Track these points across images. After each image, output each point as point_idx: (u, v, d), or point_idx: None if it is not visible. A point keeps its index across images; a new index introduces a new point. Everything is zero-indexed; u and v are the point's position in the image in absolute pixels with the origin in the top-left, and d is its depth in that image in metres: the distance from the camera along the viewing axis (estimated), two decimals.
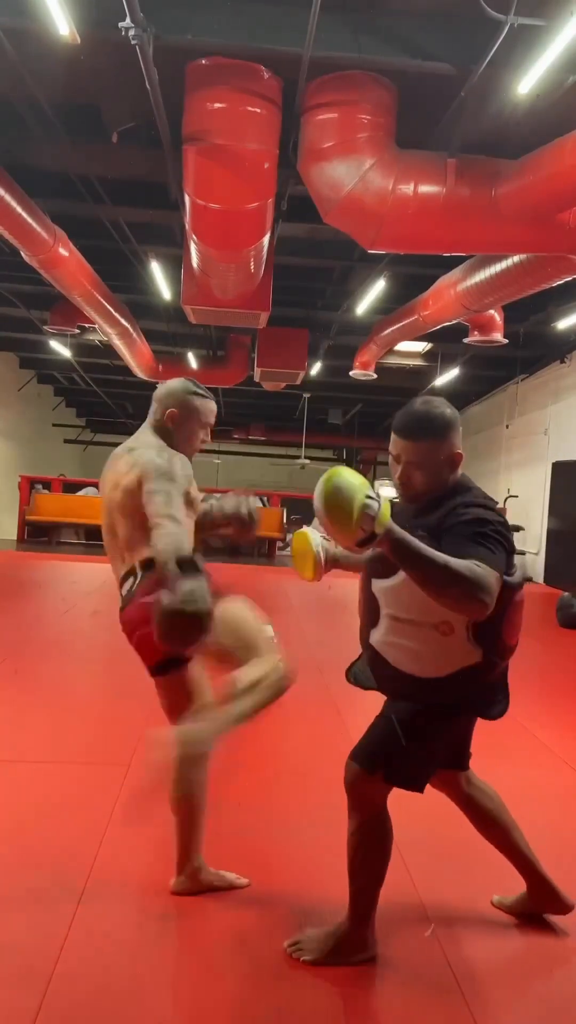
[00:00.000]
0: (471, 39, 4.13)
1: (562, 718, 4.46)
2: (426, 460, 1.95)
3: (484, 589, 1.72)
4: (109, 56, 4.51)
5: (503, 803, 2.25)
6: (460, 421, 2.02)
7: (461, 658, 1.91)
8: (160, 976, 1.97)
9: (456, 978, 2.01)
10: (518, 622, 1.98)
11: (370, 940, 2.05)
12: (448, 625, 1.88)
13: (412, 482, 1.99)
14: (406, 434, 1.97)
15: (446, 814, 2.31)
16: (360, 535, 1.70)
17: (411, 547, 1.74)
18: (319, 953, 2.03)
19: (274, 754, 3.57)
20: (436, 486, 1.97)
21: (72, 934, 2.08)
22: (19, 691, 4.40)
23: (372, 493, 1.71)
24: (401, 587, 1.89)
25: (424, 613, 1.88)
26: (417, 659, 1.95)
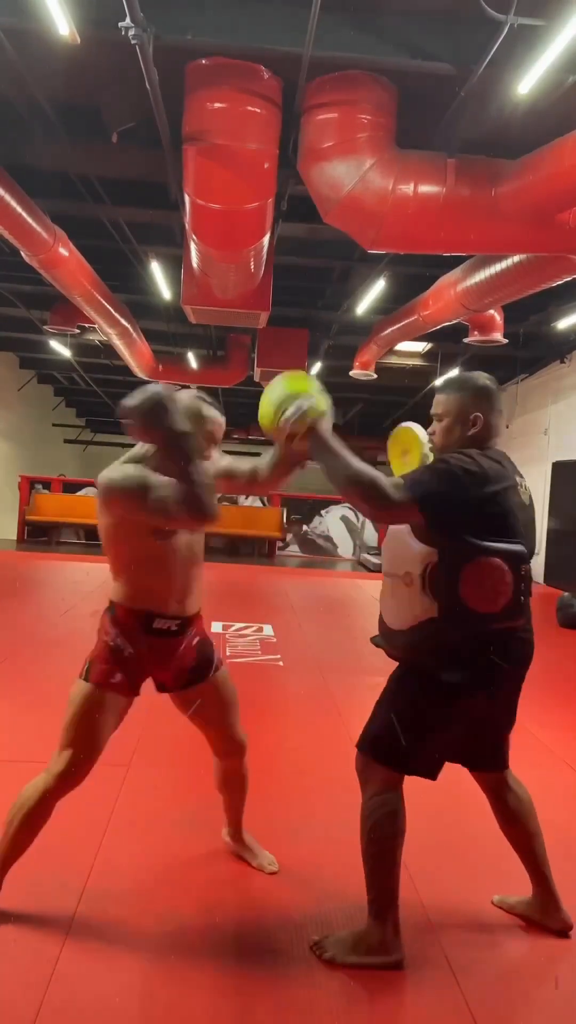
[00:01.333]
0: (471, 39, 4.13)
1: (563, 718, 4.46)
2: (445, 412, 2.08)
3: (378, 495, 1.86)
4: (109, 56, 4.51)
5: (533, 809, 2.25)
6: (493, 393, 2.11)
7: (421, 610, 1.96)
8: (160, 976, 1.97)
9: (456, 978, 2.01)
10: (491, 587, 1.92)
11: (392, 943, 2.03)
12: (409, 576, 1.97)
13: (436, 434, 2.11)
14: (440, 389, 2.13)
15: (446, 814, 2.31)
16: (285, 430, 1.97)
17: (327, 446, 1.94)
18: (339, 951, 2.03)
19: (274, 754, 3.56)
20: (452, 440, 2.06)
21: (72, 934, 2.08)
22: (19, 691, 4.40)
23: (306, 401, 1.95)
24: (387, 543, 2.08)
25: (393, 565, 2.04)
26: (391, 612, 2.07)
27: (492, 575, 1.92)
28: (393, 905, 2.04)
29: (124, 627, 2.18)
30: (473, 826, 2.81)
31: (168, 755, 3.36)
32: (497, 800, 2.25)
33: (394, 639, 2.06)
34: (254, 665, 5.20)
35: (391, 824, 2.03)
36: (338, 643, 6.37)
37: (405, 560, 1.97)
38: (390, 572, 2.07)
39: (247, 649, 5.64)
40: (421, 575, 1.94)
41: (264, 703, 4.37)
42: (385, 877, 2.04)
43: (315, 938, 2.09)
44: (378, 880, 2.04)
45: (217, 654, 2.36)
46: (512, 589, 1.94)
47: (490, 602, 1.93)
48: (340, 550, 14.99)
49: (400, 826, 2.04)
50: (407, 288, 8.49)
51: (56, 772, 2.08)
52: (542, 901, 2.26)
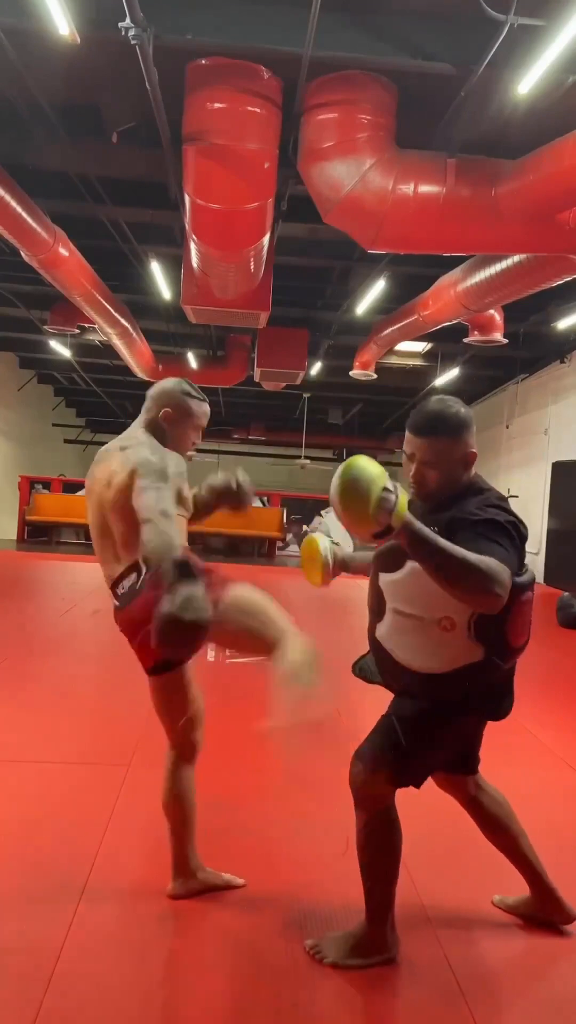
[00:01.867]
0: (471, 39, 4.12)
1: (563, 718, 4.46)
2: (440, 459, 1.95)
3: (497, 582, 1.72)
4: (109, 56, 4.51)
5: (511, 810, 2.24)
6: (473, 421, 2.02)
7: (463, 655, 1.91)
8: (160, 976, 1.97)
9: (456, 978, 2.01)
10: (524, 623, 1.97)
11: (389, 941, 2.05)
12: (450, 621, 1.88)
13: (426, 480, 1.99)
14: (420, 432, 1.97)
15: (446, 814, 2.31)
16: (376, 527, 1.70)
17: (428, 539, 1.74)
18: (338, 954, 2.03)
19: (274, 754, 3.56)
20: (450, 485, 1.97)
21: (72, 934, 2.08)
22: (19, 691, 4.40)
23: (390, 484, 1.70)
24: (406, 581, 1.91)
25: (427, 608, 1.90)
26: (419, 654, 1.96)
27: (528, 610, 1.97)
28: (390, 908, 2.05)
29: None
30: (473, 826, 2.81)
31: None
32: (475, 808, 2.24)
33: (420, 682, 1.97)
34: (254, 665, 5.19)
35: (391, 840, 2.04)
36: (338, 643, 6.35)
37: (441, 604, 1.84)
38: (415, 614, 1.94)
39: None
40: (468, 621, 1.87)
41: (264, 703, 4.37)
42: (385, 888, 2.05)
43: (310, 941, 2.09)
44: (379, 892, 2.05)
45: None
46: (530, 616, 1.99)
47: (525, 633, 1.98)
48: None
49: (399, 839, 2.05)
50: (407, 288, 8.48)
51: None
52: (542, 898, 2.26)
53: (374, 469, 1.73)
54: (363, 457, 1.80)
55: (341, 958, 2.02)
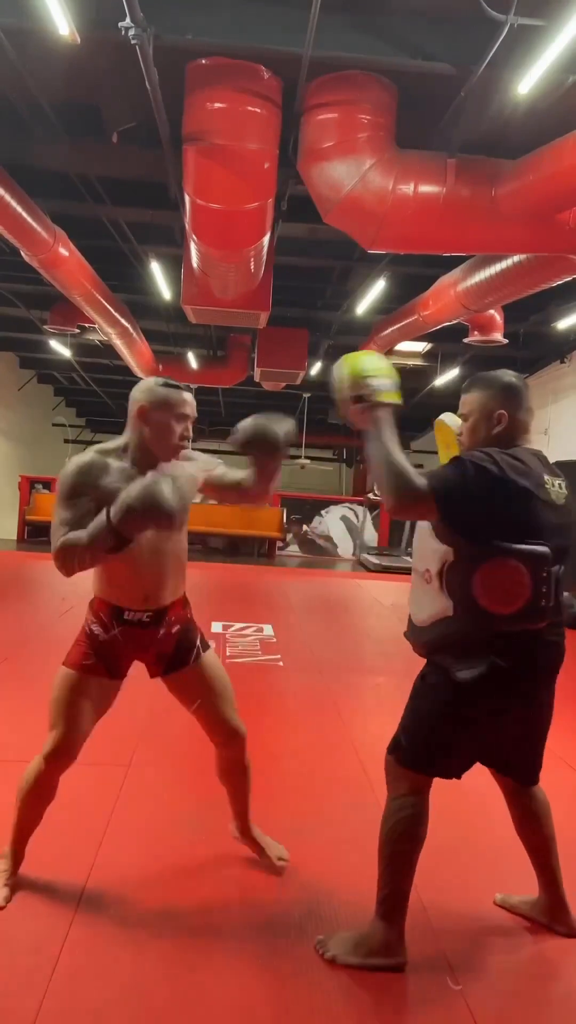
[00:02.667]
0: (471, 39, 4.12)
1: (562, 718, 4.45)
2: (470, 411, 2.07)
3: (404, 484, 1.84)
4: (109, 56, 4.51)
5: (550, 811, 2.25)
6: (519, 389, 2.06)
7: (440, 607, 1.98)
8: (160, 976, 1.97)
9: (456, 977, 2.00)
10: (506, 590, 1.89)
11: (396, 946, 2.02)
12: (428, 572, 2.00)
13: (464, 434, 2.09)
14: (465, 387, 2.11)
15: (447, 814, 2.31)
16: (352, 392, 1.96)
17: (383, 426, 1.91)
18: (340, 950, 2.03)
19: (274, 754, 3.56)
20: (477, 439, 2.04)
21: (72, 934, 2.08)
22: (19, 691, 4.40)
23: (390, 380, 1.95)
24: (416, 539, 2.09)
25: (418, 561, 2.07)
26: (414, 605, 2.11)
27: (508, 576, 1.89)
28: (402, 908, 2.04)
29: (99, 615, 2.28)
30: (473, 826, 2.81)
31: (168, 755, 3.36)
32: (518, 807, 2.25)
33: (417, 634, 2.09)
34: (254, 665, 5.20)
35: (412, 827, 2.03)
36: (338, 643, 6.36)
37: (427, 557, 2.00)
38: (416, 568, 2.09)
39: (247, 649, 5.64)
40: (439, 573, 1.96)
41: (264, 703, 4.37)
42: (399, 879, 2.03)
43: (320, 937, 2.09)
44: (391, 881, 2.04)
45: (202, 640, 2.38)
46: (531, 591, 1.89)
47: (505, 603, 1.90)
48: (340, 550, 14.99)
49: (421, 831, 2.04)
50: (407, 288, 8.49)
51: (45, 753, 2.22)
52: (550, 904, 2.26)
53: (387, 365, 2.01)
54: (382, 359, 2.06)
55: (342, 954, 2.02)
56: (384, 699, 4.67)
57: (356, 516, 14.85)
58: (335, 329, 10.90)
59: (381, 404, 1.93)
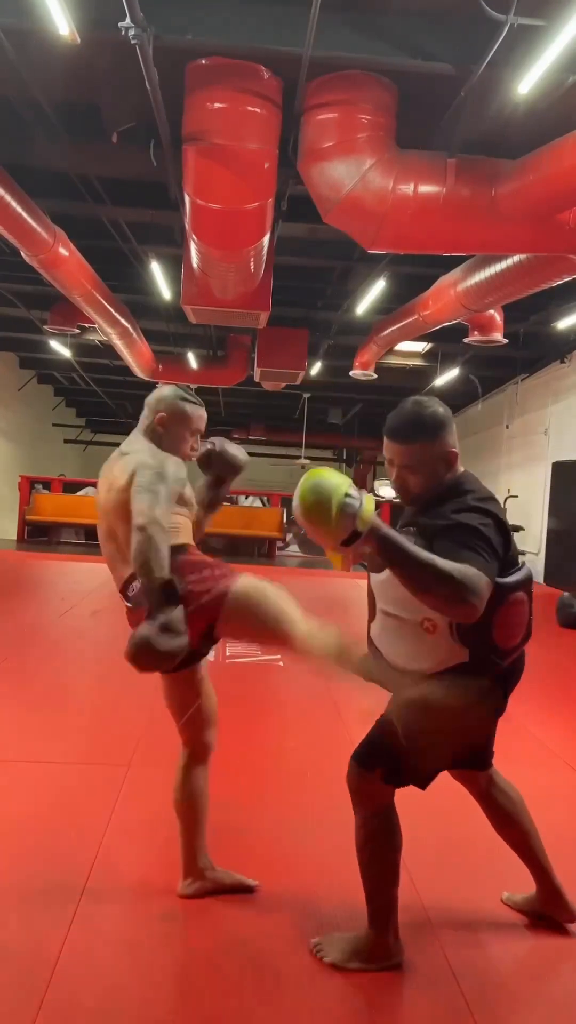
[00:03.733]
0: (471, 39, 4.12)
1: (562, 718, 4.46)
2: (419, 461, 1.93)
3: (472, 591, 1.67)
4: (109, 56, 4.51)
5: (524, 806, 2.24)
6: (452, 419, 1.98)
7: (447, 656, 1.89)
8: (160, 977, 1.97)
9: (456, 978, 2.01)
10: (517, 623, 1.92)
11: (393, 947, 2.03)
12: (432, 623, 1.87)
13: (408, 485, 1.96)
14: (396, 437, 1.95)
15: (447, 814, 2.31)
16: (342, 534, 1.68)
17: (397, 544, 1.70)
18: (340, 955, 2.02)
19: (274, 754, 3.57)
20: (432, 486, 1.94)
21: (72, 934, 2.08)
22: (19, 691, 4.40)
23: (353, 491, 1.70)
24: (388, 582, 1.87)
25: (409, 610, 1.88)
26: (406, 655, 1.96)
27: (519, 610, 1.91)
28: (393, 913, 2.04)
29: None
30: (472, 826, 2.81)
31: (168, 755, 3.35)
32: (487, 802, 2.24)
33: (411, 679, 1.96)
34: (254, 665, 5.20)
35: (390, 841, 2.03)
36: None
37: (421, 606, 1.80)
38: (399, 615, 1.94)
39: (247, 649, 5.64)
40: (450, 623, 1.84)
41: (264, 703, 4.37)
42: (386, 890, 2.04)
43: (316, 939, 2.09)
44: (379, 894, 2.04)
45: None
46: (530, 614, 1.94)
47: (517, 635, 1.93)
48: None
49: (398, 841, 2.03)
50: (407, 288, 8.48)
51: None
52: (547, 895, 2.27)
53: (334, 478, 1.73)
54: (324, 468, 1.80)
55: (342, 960, 2.02)
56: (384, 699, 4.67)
57: None
58: (335, 329, 10.90)
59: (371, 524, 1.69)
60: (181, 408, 2.30)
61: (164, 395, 2.33)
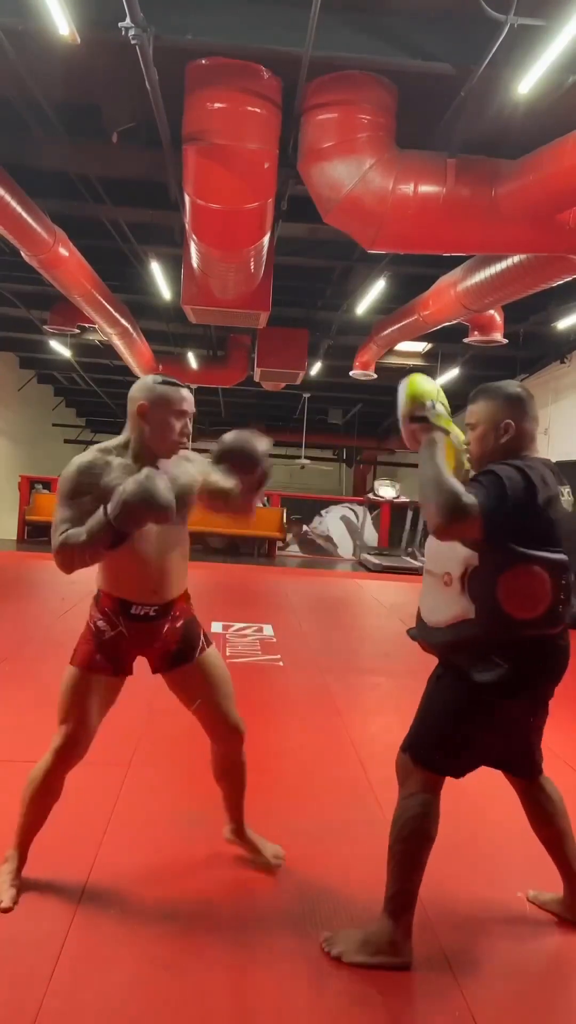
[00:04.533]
0: (471, 39, 4.12)
1: (563, 718, 4.45)
2: (479, 421, 2.09)
3: (453, 508, 1.83)
4: (109, 56, 4.51)
5: (564, 807, 2.26)
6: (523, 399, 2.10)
7: (459, 610, 1.99)
8: (161, 976, 1.97)
9: (456, 978, 2.01)
10: (530, 595, 1.93)
11: (402, 945, 2.02)
12: (449, 576, 2.01)
13: (472, 443, 2.12)
14: (471, 398, 2.13)
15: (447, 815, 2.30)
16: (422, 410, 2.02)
17: (431, 445, 1.95)
18: (346, 948, 2.03)
19: (274, 754, 3.56)
20: (487, 451, 2.06)
21: (72, 933, 2.08)
22: (19, 691, 4.40)
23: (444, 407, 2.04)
24: (429, 541, 2.07)
25: (434, 563, 2.08)
26: (429, 607, 2.11)
27: (532, 582, 1.93)
28: (410, 908, 2.04)
29: (105, 611, 2.28)
30: (473, 826, 2.81)
31: (168, 755, 3.36)
32: (529, 801, 2.27)
33: (430, 635, 2.09)
34: (254, 665, 5.20)
35: (422, 825, 2.04)
36: (338, 643, 6.36)
37: (446, 560, 2.00)
38: (430, 570, 2.11)
39: (247, 649, 5.64)
40: (461, 577, 1.97)
41: (264, 703, 4.37)
42: (408, 877, 2.04)
43: (327, 934, 2.10)
44: (400, 879, 2.05)
45: (204, 636, 2.40)
46: (552, 597, 1.94)
47: (528, 608, 1.94)
48: (340, 550, 14.99)
49: (431, 829, 2.05)
50: (407, 288, 8.49)
51: (54, 749, 2.24)
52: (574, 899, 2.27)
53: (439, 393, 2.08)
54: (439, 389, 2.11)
55: (348, 952, 2.02)
56: (384, 699, 4.67)
57: (356, 516, 14.85)
58: (335, 329, 10.91)
59: (438, 427, 1.99)
60: (160, 392, 2.15)
61: (140, 383, 2.21)
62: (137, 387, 2.20)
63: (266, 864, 2.46)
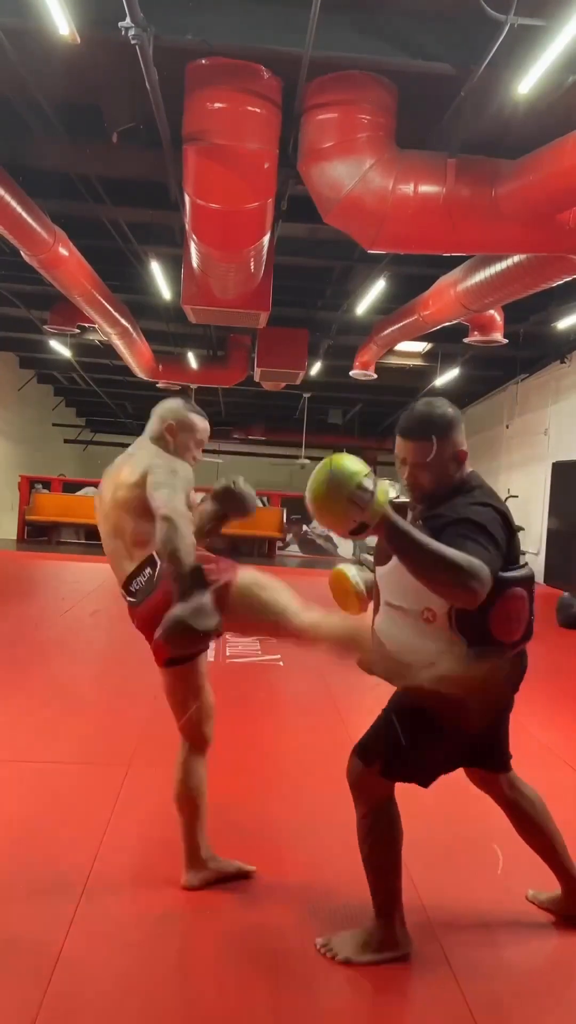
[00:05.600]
0: (471, 39, 4.12)
1: (563, 718, 4.46)
2: (429, 460, 1.98)
3: (475, 577, 1.71)
4: (109, 56, 4.51)
5: (546, 810, 2.26)
6: (461, 419, 2.06)
7: (445, 647, 1.91)
8: (161, 976, 1.97)
9: (456, 978, 2.01)
10: (514, 618, 1.95)
11: (401, 937, 2.07)
12: (431, 612, 1.91)
13: (419, 482, 2.02)
14: (408, 435, 2.01)
15: (447, 815, 2.31)
16: (351, 524, 1.72)
17: (406, 534, 1.75)
18: (352, 951, 2.05)
19: (274, 754, 3.57)
20: (442, 484, 2.00)
21: (72, 934, 2.08)
22: (19, 691, 4.40)
23: (367, 481, 1.72)
24: (392, 573, 1.95)
25: (410, 600, 1.94)
26: (406, 644, 2.00)
27: (518, 605, 1.95)
28: (398, 902, 2.07)
29: None
30: (473, 826, 2.81)
31: (168, 755, 3.35)
32: (509, 807, 2.26)
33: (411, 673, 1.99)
34: (254, 665, 5.20)
35: (391, 833, 2.06)
36: None
37: (424, 596, 1.86)
38: (399, 606, 1.99)
39: (247, 649, 5.64)
40: (448, 613, 1.88)
41: (264, 703, 4.38)
42: (389, 881, 2.07)
43: (320, 940, 2.10)
44: (383, 885, 2.07)
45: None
46: (528, 613, 1.97)
47: (514, 631, 1.96)
48: (340, 550, 14.98)
49: (399, 833, 2.06)
50: (407, 288, 8.48)
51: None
52: (573, 896, 2.28)
53: (351, 466, 1.74)
54: (344, 455, 1.82)
55: (354, 954, 2.04)
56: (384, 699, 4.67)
57: None
58: (335, 329, 10.90)
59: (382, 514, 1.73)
60: (190, 420, 2.44)
61: (173, 406, 2.46)
62: (168, 408, 2.45)
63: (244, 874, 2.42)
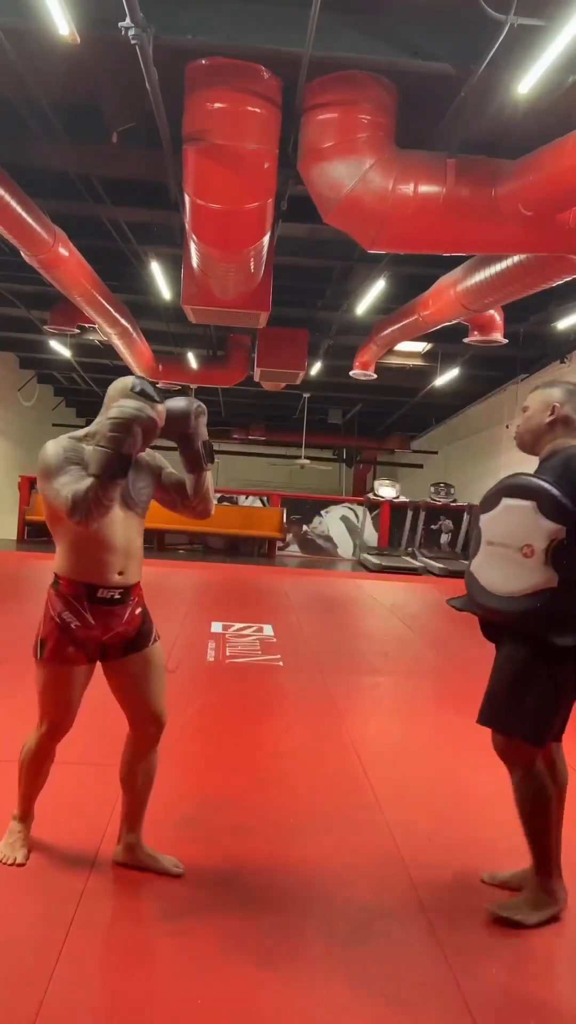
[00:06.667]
0: (471, 39, 4.13)
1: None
2: (530, 404, 2.33)
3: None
4: (109, 56, 4.51)
5: (564, 795, 2.35)
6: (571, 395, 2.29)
7: (539, 580, 2.12)
8: (160, 976, 1.97)
9: (456, 978, 2.01)
10: None
11: (559, 891, 2.24)
12: (530, 548, 2.14)
13: (520, 424, 2.35)
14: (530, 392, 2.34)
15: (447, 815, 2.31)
16: None
17: None
18: (535, 916, 2.19)
19: (274, 754, 3.57)
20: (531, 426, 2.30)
21: (72, 934, 2.08)
22: (19, 691, 4.40)
23: None
24: (499, 516, 2.26)
25: (508, 537, 2.22)
26: (502, 577, 2.23)
27: None
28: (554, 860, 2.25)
29: (68, 599, 2.30)
30: (473, 826, 2.81)
31: (167, 755, 3.35)
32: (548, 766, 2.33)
33: (502, 603, 2.19)
34: (254, 665, 5.20)
35: (544, 796, 2.21)
36: (338, 643, 6.36)
37: (525, 533, 2.15)
38: (501, 543, 2.25)
39: (247, 649, 5.64)
40: (545, 549, 2.11)
41: (264, 703, 4.38)
42: (546, 839, 2.23)
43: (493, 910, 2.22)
44: (541, 843, 2.23)
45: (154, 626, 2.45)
46: None
47: None
48: (340, 550, 14.99)
49: (551, 794, 2.22)
50: (407, 288, 8.49)
51: (41, 734, 2.44)
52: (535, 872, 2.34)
53: None
54: None
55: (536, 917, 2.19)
56: (384, 699, 4.68)
57: (356, 516, 14.84)
58: (335, 329, 10.91)
59: None
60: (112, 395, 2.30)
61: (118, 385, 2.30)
62: (115, 388, 2.30)
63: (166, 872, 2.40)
